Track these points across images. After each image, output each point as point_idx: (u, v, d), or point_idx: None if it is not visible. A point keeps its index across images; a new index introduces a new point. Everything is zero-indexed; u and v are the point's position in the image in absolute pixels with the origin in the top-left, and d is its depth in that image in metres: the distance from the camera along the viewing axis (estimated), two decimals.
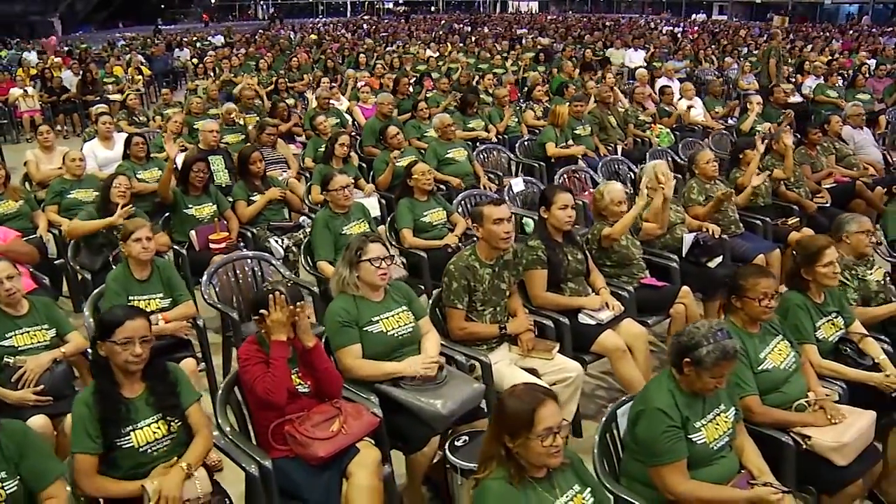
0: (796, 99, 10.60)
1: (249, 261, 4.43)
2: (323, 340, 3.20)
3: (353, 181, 4.85)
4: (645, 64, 14.38)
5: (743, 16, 38.16)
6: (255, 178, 5.56)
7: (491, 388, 3.42)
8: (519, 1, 51.08)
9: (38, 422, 3.13)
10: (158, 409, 2.68)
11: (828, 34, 22.77)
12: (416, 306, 3.44)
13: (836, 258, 3.33)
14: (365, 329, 3.23)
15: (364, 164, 7.01)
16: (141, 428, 2.64)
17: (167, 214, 5.34)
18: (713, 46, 17.88)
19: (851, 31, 24.39)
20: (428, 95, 9.87)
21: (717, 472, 2.55)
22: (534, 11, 46.90)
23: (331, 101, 9.16)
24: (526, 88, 10.73)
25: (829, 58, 13.21)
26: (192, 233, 5.10)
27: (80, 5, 37.26)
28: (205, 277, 4.29)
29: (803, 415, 2.94)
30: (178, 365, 2.96)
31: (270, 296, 2.83)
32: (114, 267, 4.19)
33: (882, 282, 3.86)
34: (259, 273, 4.47)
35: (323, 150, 6.38)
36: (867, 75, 11.97)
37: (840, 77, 11.48)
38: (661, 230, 4.64)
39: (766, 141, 5.82)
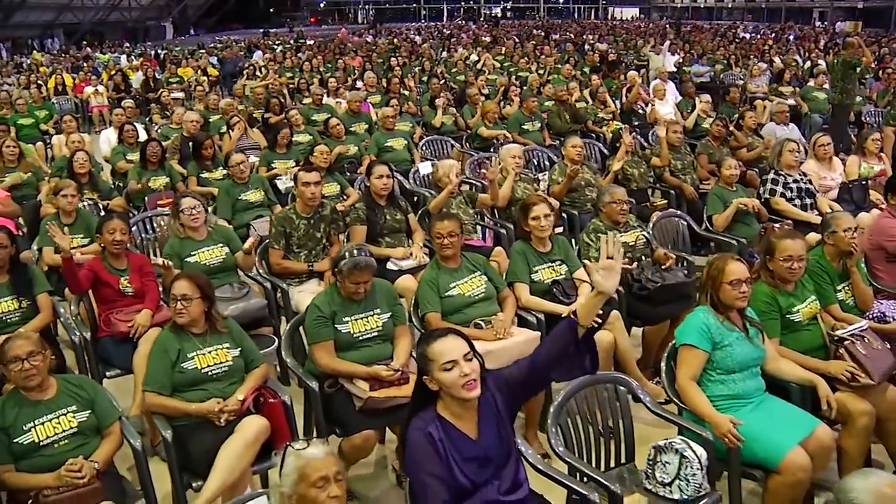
0: (790, 102, 10.92)
1: (160, 218, 5.68)
2: None
3: (246, 158, 6.04)
4: (676, 68, 14.93)
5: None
6: (206, 159, 6.83)
7: (289, 307, 4.53)
8: (614, 7, 50.95)
9: None
10: (14, 292, 3.97)
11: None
12: (233, 245, 4.60)
13: (543, 214, 4.17)
14: (185, 259, 4.43)
15: None
16: None
17: None
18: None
19: None
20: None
21: (362, 356, 3.45)
22: (630, 18, 46.94)
23: (338, 101, 10.47)
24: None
25: None
26: (147, 199, 6.45)
27: (192, 10, 40.69)
28: None
29: (472, 330, 3.81)
30: (37, 267, 4.25)
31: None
32: None
33: (632, 244, 4.64)
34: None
35: None
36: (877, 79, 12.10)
37: None
38: (494, 202, 5.51)
39: (631, 132, 6.56)
